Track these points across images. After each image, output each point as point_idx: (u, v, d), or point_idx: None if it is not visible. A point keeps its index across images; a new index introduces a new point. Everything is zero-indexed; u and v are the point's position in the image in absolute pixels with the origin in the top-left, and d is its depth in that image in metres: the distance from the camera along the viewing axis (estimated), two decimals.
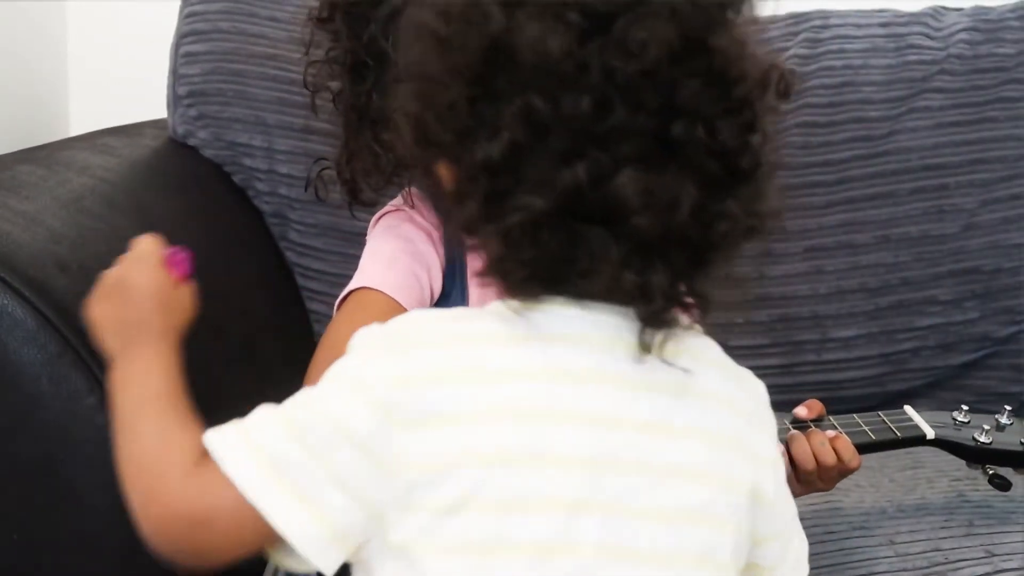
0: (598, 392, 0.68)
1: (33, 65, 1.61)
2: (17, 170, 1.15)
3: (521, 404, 0.66)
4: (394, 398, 0.65)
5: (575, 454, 0.66)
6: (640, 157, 0.64)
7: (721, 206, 0.66)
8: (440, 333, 0.69)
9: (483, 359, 0.67)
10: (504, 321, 0.68)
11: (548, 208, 0.64)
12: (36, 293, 0.92)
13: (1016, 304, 1.47)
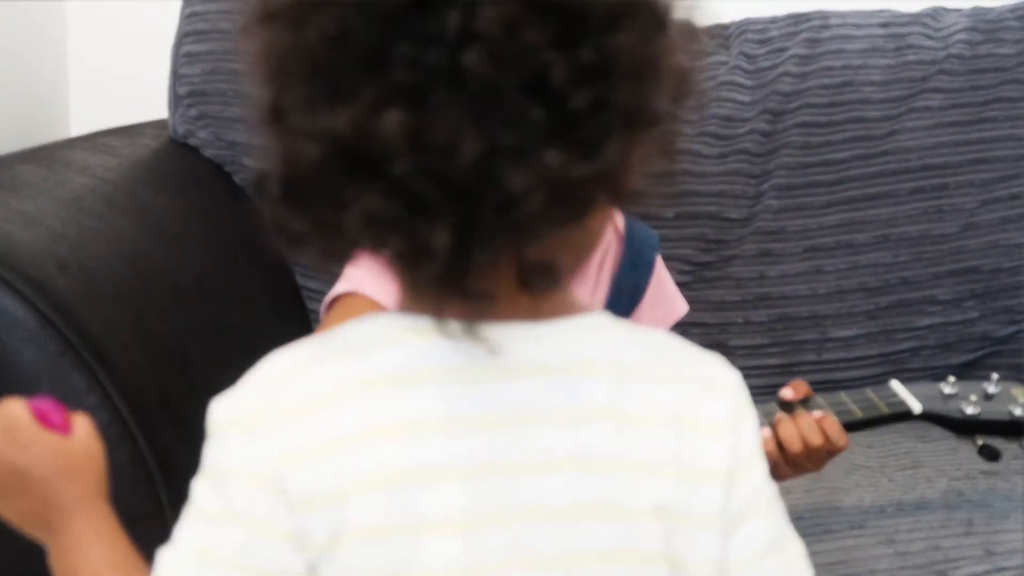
0: (454, 435, 0.60)
1: (33, 65, 1.61)
2: (17, 170, 1.16)
3: (377, 470, 0.59)
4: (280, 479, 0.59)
5: (449, 517, 0.59)
6: (414, 94, 0.54)
7: (533, 155, 0.55)
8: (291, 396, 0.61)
9: (323, 426, 0.60)
10: (324, 347, 0.62)
11: (315, 155, 0.56)
12: (36, 293, 0.92)
13: (1016, 304, 1.47)
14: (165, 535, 0.95)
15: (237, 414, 0.61)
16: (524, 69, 0.54)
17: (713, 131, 1.51)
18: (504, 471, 0.60)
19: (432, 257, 0.55)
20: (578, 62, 0.55)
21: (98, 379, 0.92)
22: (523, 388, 0.61)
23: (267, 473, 0.59)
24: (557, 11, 0.55)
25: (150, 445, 0.94)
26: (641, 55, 0.57)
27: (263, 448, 0.60)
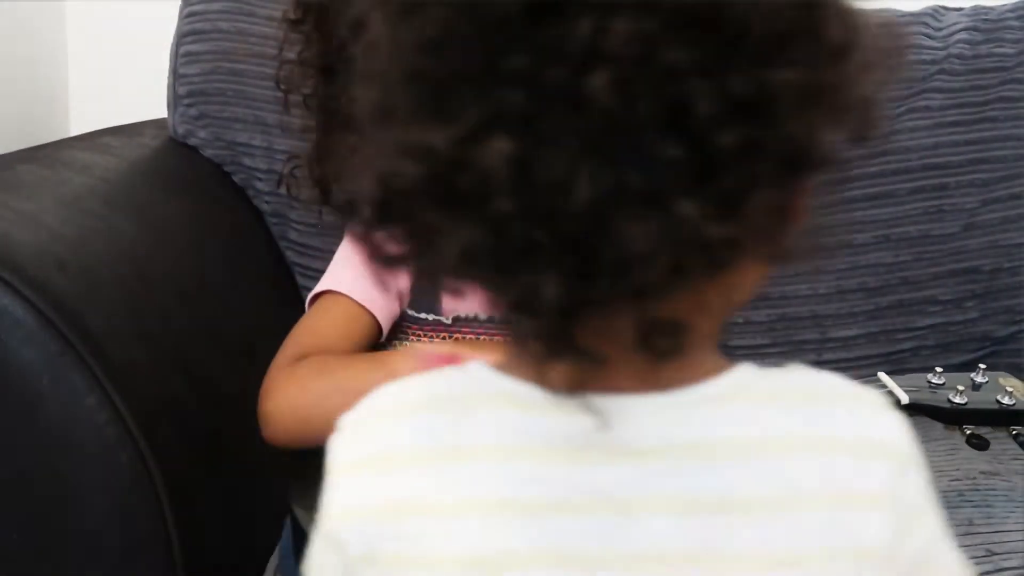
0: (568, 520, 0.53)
1: (33, 65, 1.61)
2: (17, 170, 1.15)
3: (473, 551, 0.54)
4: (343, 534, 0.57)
5: None
6: (525, 120, 0.46)
7: (662, 205, 0.46)
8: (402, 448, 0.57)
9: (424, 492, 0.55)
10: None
11: (407, 176, 0.48)
12: (36, 292, 0.92)
13: (1016, 304, 1.47)
14: (165, 535, 0.96)
15: (331, 458, 0.60)
16: (661, 98, 0.45)
17: None
18: (600, 564, 0.53)
19: (538, 309, 0.48)
20: (728, 93, 0.46)
21: (98, 379, 0.92)
22: (631, 471, 0.53)
23: (329, 523, 0.58)
24: (707, 29, 0.46)
25: (150, 445, 0.94)
26: (810, 86, 0.47)
27: (332, 497, 0.58)
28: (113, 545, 0.95)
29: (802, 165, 0.49)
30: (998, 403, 1.03)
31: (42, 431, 0.92)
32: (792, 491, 0.53)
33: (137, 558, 0.96)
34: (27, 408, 0.91)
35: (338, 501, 0.58)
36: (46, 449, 0.92)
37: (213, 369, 1.12)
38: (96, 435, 0.92)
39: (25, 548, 0.94)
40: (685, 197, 0.45)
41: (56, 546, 0.94)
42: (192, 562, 0.98)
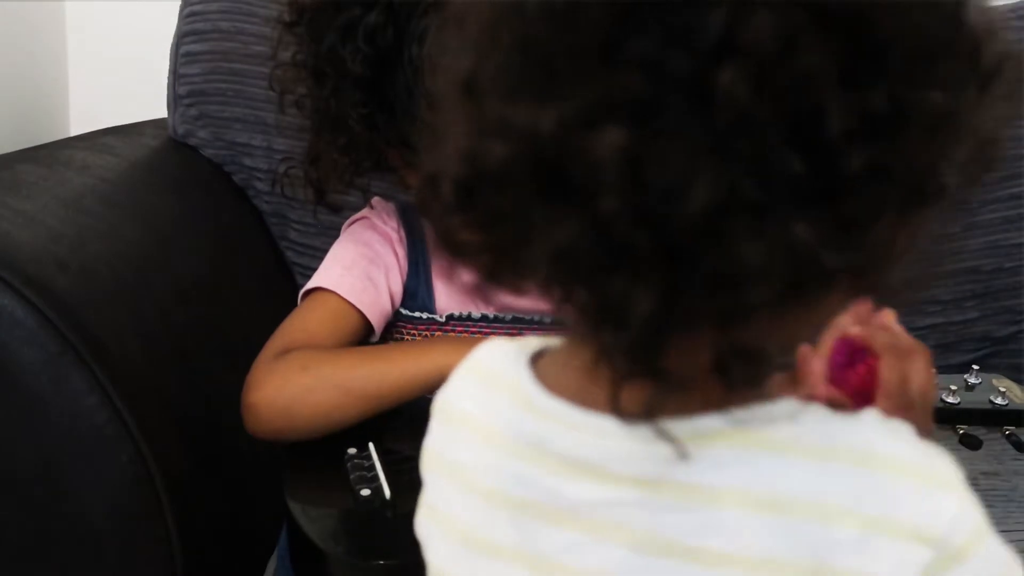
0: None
1: (33, 65, 1.61)
2: (17, 169, 1.15)
3: (469, 528, 0.57)
4: None
5: None
6: (643, 110, 0.42)
7: (776, 223, 0.42)
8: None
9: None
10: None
11: (503, 157, 0.44)
12: (36, 292, 0.92)
13: (1016, 304, 1.47)
14: (165, 535, 0.95)
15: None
16: (793, 105, 0.41)
17: None
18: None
19: (625, 322, 0.44)
20: (865, 110, 0.42)
21: (98, 379, 0.92)
22: (607, 495, 0.51)
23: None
24: (852, 36, 0.41)
25: (150, 445, 0.94)
26: (943, 112, 0.43)
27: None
28: (113, 545, 0.95)
29: (926, 197, 0.45)
30: (991, 403, 1.03)
31: (42, 431, 0.92)
32: (770, 555, 0.49)
33: (137, 558, 0.96)
34: (27, 408, 0.91)
35: (428, 438, 0.62)
36: (46, 449, 0.92)
37: (213, 369, 1.12)
38: (96, 435, 0.92)
39: (25, 548, 0.94)
40: (804, 217, 0.42)
41: (56, 546, 0.94)
42: (192, 562, 0.98)
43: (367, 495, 0.92)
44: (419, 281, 1.08)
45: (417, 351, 1.03)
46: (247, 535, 1.11)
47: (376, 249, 1.09)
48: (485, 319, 1.08)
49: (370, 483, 0.94)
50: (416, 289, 1.08)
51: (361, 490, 0.93)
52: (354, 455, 0.97)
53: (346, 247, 1.11)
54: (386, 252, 1.09)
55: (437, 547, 0.60)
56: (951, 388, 1.03)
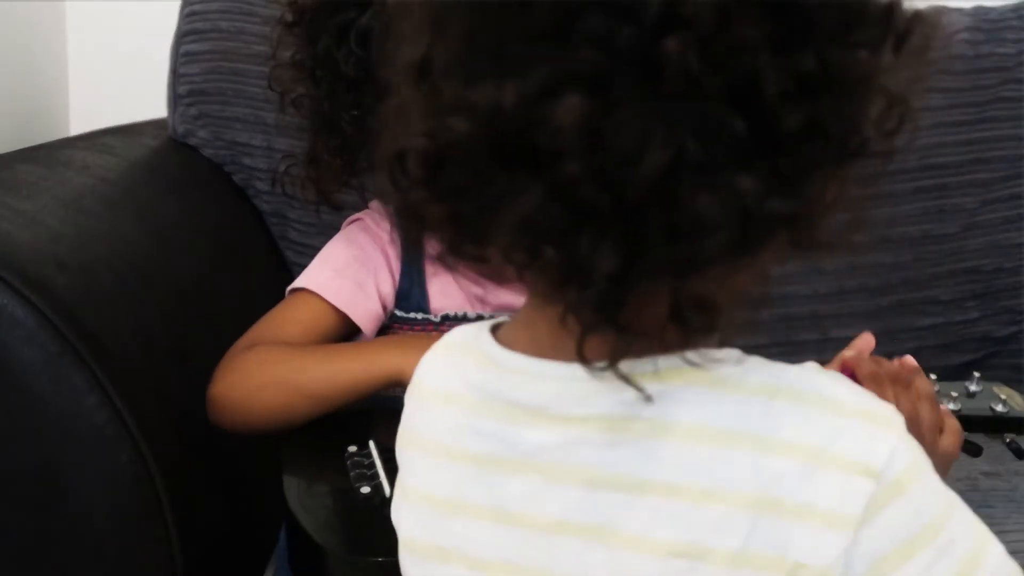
0: (525, 483, 0.55)
1: (33, 65, 1.61)
2: (17, 169, 1.15)
3: (435, 491, 0.59)
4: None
5: (488, 557, 0.56)
6: (598, 81, 0.46)
7: (724, 178, 0.46)
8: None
9: (420, 423, 0.62)
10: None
11: (467, 133, 0.48)
12: (36, 292, 0.92)
13: (1016, 304, 1.47)
14: (165, 535, 0.95)
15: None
16: (732, 71, 0.45)
17: None
18: (522, 522, 0.56)
19: (589, 279, 0.47)
20: (797, 72, 0.46)
21: (98, 379, 0.92)
22: (559, 437, 0.54)
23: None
24: (781, 6, 0.46)
25: (150, 445, 0.94)
26: (865, 72, 0.48)
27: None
28: (113, 545, 0.95)
29: (855, 150, 0.49)
30: (992, 410, 1.03)
31: (42, 431, 0.92)
32: (717, 485, 0.52)
33: (137, 558, 0.96)
34: (27, 408, 0.91)
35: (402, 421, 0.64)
36: (46, 449, 0.92)
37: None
38: (96, 435, 0.92)
39: (25, 548, 0.94)
40: (747, 173, 0.46)
41: (56, 546, 0.94)
42: (192, 562, 0.98)
43: (367, 492, 0.93)
44: (412, 282, 1.08)
45: (369, 352, 1.03)
46: (247, 535, 1.11)
47: (367, 251, 1.10)
48: (481, 319, 1.08)
49: (370, 481, 0.94)
50: (410, 290, 1.08)
51: (361, 487, 0.93)
52: (354, 453, 0.97)
53: (336, 248, 1.11)
54: (376, 254, 1.09)
55: (405, 519, 0.62)
56: (952, 395, 1.03)
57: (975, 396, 1.05)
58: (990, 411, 1.03)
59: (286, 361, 1.02)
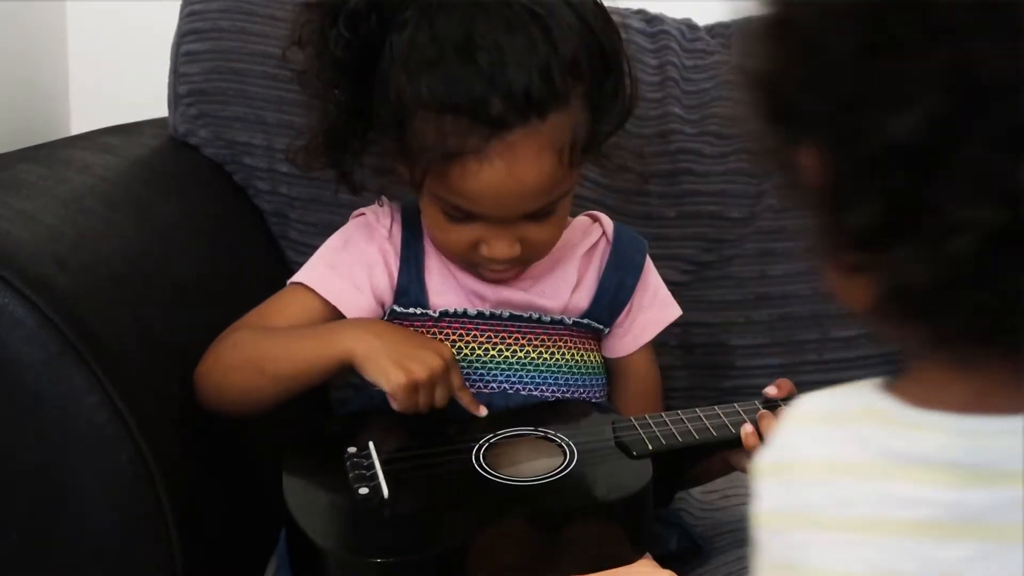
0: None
1: (33, 64, 1.61)
2: (17, 169, 1.15)
3: (852, 569, 0.54)
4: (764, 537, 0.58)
5: None
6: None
7: None
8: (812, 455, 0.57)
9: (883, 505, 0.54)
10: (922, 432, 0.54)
11: (1001, 223, 0.44)
12: (36, 292, 0.92)
13: None
14: (165, 535, 0.95)
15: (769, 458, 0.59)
16: None
17: (714, 130, 1.50)
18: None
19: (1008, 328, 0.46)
20: None
21: (98, 378, 0.92)
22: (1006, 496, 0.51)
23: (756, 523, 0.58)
24: None
25: (150, 445, 0.94)
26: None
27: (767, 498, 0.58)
28: (113, 545, 0.95)
29: None
30: None
31: (42, 430, 0.92)
32: None
33: (137, 558, 0.96)
34: (27, 407, 0.91)
35: (759, 503, 0.58)
36: (46, 448, 0.92)
37: None
38: (96, 434, 0.92)
39: (25, 547, 0.94)
40: None
41: (56, 545, 0.94)
42: (192, 562, 0.98)
43: (365, 493, 0.92)
44: (410, 278, 1.09)
45: (327, 333, 1.04)
46: (247, 535, 1.11)
47: (363, 247, 1.10)
48: (481, 316, 1.08)
49: (368, 482, 0.94)
50: (408, 286, 1.09)
51: (359, 489, 0.93)
52: (353, 454, 0.97)
53: (335, 243, 1.13)
54: (371, 250, 1.10)
55: None
56: None
57: None
58: None
59: (254, 342, 1.05)
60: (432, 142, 0.96)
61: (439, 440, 1.00)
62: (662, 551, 1.03)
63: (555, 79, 0.95)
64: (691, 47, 1.56)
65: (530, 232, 1.02)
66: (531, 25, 0.95)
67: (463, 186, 0.97)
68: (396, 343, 1.00)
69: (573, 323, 1.10)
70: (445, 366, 0.99)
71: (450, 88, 0.94)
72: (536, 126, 0.95)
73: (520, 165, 0.96)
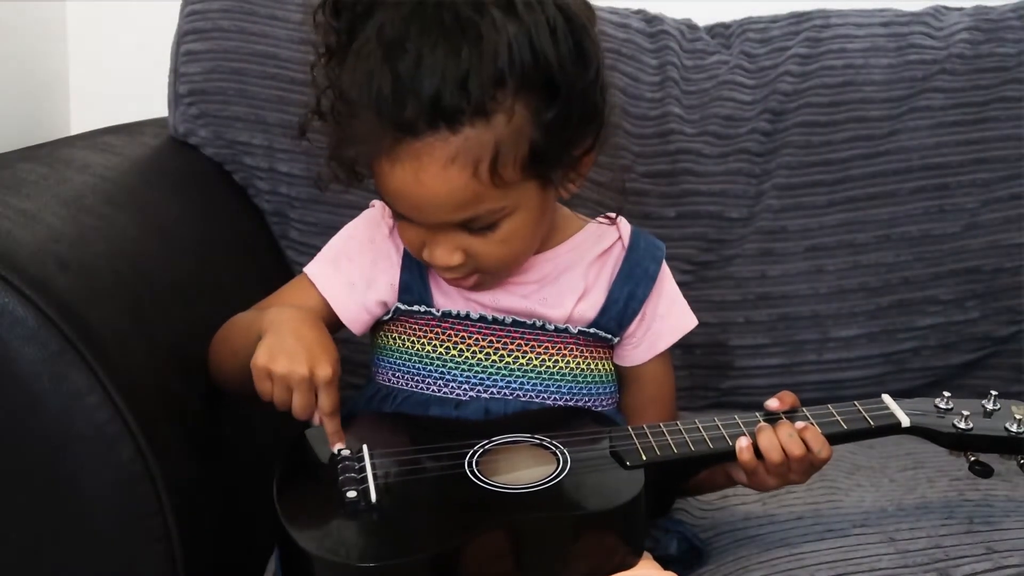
0: None
1: (33, 64, 1.61)
2: (17, 168, 1.15)
3: None
4: None
5: None
6: None
7: None
8: None
9: None
10: None
11: None
12: (36, 291, 0.92)
13: (1017, 304, 1.47)
14: (165, 534, 0.95)
15: None
16: None
17: (714, 130, 1.51)
18: None
19: None
20: None
21: (98, 378, 0.92)
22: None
23: None
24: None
25: (150, 444, 0.94)
26: None
27: None
28: (113, 544, 0.95)
29: None
30: (1006, 430, 1.02)
31: (42, 430, 0.92)
32: None
33: (137, 557, 0.96)
34: (27, 407, 0.91)
35: None
36: (46, 447, 0.92)
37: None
38: (96, 434, 0.92)
39: (25, 547, 0.94)
40: None
41: (56, 545, 0.94)
42: (192, 562, 0.98)
43: (353, 497, 0.92)
44: (413, 275, 1.08)
45: (269, 314, 1.02)
46: (247, 535, 1.11)
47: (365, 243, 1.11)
48: (483, 320, 1.07)
49: (358, 485, 0.93)
50: (411, 283, 1.08)
51: (348, 492, 0.92)
52: (346, 457, 0.97)
53: (342, 238, 1.14)
54: (376, 245, 1.10)
55: None
56: (964, 414, 1.02)
57: (992, 415, 1.03)
58: (1005, 431, 1.02)
59: (235, 319, 1.08)
60: (355, 136, 0.96)
61: (433, 445, 1.00)
62: (662, 554, 1.03)
63: (471, 90, 0.92)
64: (691, 47, 1.56)
65: (473, 244, 1.00)
66: (463, 34, 0.92)
67: (382, 184, 0.98)
68: (291, 336, 0.98)
69: (579, 332, 1.09)
70: (308, 378, 0.96)
71: (369, 85, 0.94)
72: (446, 136, 0.93)
73: (426, 174, 0.94)
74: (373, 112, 0.94)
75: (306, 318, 1.02)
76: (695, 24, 1.60)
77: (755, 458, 0.99)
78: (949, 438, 1.02)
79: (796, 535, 1.07)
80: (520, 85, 0.93)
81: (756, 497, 1.15)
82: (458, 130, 0.93)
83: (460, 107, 0.92)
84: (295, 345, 0.97)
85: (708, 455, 1.00)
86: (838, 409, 1.03)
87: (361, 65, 0.95)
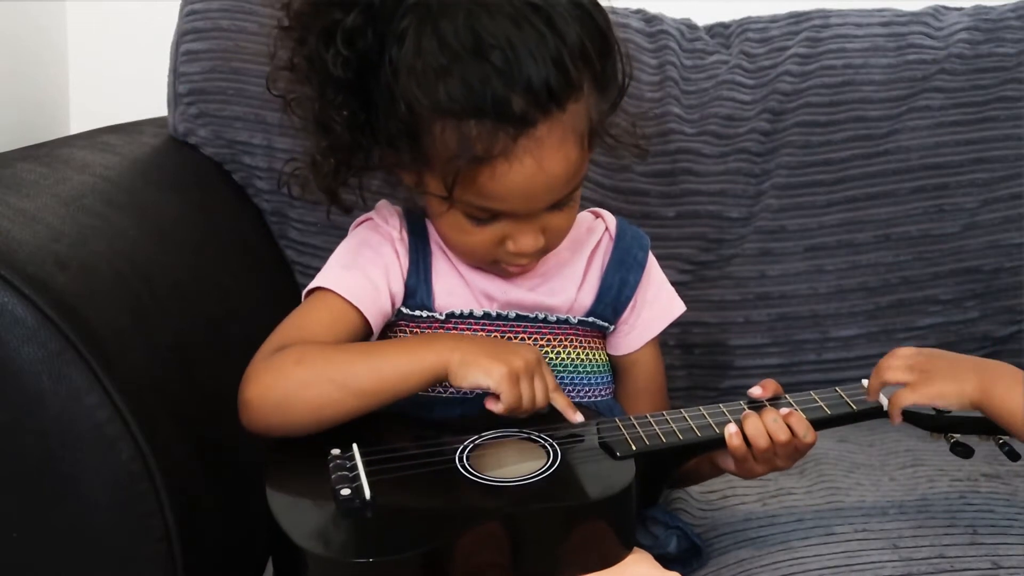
0: None
1: (33, 64, 1.61)
2: (17, 168, 1.15)
3: None
4: None
5: None
6: None
7: None
8: None
9: None
10: None
11: None
12: (36, 291, 0.91)
13: (1017, 304, 1.47)
14: (165, 534, 0.95)
15: None
16: None
17: (714, 130, 1.51)
18: None
19: None
20: None
21: (98, 377, 0.92)
22: None
23: None
24: None
25: (150, 444, 0.94)
26: None
27: None
28: (113, 544, 0.95)
29: None
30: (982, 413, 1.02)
31: (42, 429, 0.92)
32: None
33: (137, 557, 0.96)
34: (27, 406, 0.91)
35: None
36: (45, 447, 0.92)
37: (213, 368, 1.12)
38: (96, 433, 0.92)
39: (24, 546, 0.94)
40: None
41: (56, 544, 0.94)
42: (192, 562, 0.98)
43: (347, 494, 0.92)
44: (418, 280, 1.09)
45: (414, 346, 1.03)
46: (247, 534, 1.11)
47: (377, 249, 1.10)
48: (487, 317, 1.08)
49: (351, 483, 0.94)
50: (416, 288, 1.09)
51: (341, 490, 0.93)
52: (337, 455, 0.97)
53: (348, 247, 1.12)
54: (387, 252, 1.09)
55: None
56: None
57: None
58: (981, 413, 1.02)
59: (328, 358, 1.01)
60: (456, 149, 0.95)
61: (423, 441, 1.00)
62: (661, 553, 1.03)
63: (568, 68, 0.95)
64: (691, 47, 1.57)
65: (552, 221, 1.03)
66: (535, 17, 0.95)
67: (492, 188, 0.97)
68: (489, 345, 1.01)
69: (578, 322, 1.11)
70: (538, 360, 1.00)
71: (469, 91, 0.94)
72: (558, 117, 0.96)
73: (548, 159, 0.96)
74: (488, 116, 0.94)
75: (456, 334, 1.06)
76: (694, 24, 1.60)
77: (744, 444, 1.01)
78: (929, 420, 1.03)
79: (797, 538, 1.07)
80: (592, 52, 0.98)
81: (756, 497, 1.15)
82: (566, 107, 0.96)
83: (565, 86, 0.95)
84: (501, 346, 1.01)
85: (696, 443, 1.01)
86: (820, 395, 1.05)
87: (443, 77, 0.94)
